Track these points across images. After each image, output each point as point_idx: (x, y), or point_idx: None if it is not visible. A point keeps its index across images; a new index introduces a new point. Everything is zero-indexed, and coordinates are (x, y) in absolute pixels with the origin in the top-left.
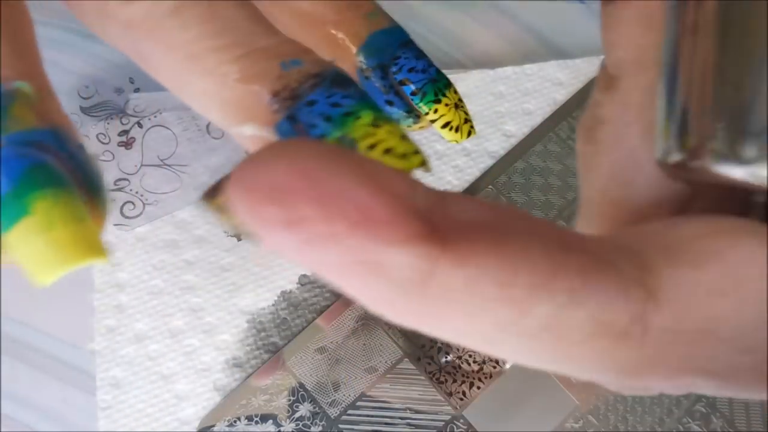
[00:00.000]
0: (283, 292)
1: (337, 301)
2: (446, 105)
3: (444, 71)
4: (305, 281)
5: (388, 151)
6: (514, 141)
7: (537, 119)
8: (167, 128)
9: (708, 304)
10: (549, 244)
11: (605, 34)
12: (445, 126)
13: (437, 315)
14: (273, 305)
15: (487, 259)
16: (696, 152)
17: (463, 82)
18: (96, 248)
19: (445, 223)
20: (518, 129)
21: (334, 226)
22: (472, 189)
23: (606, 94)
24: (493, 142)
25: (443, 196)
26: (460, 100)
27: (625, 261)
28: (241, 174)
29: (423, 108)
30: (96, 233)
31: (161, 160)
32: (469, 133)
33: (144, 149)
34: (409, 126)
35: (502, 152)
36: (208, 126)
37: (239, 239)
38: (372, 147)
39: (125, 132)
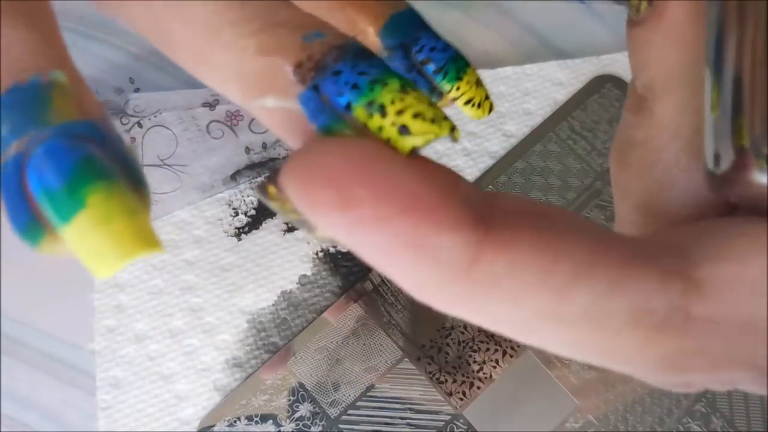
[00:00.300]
0: (283, 292)
1: (337, 301)
2: (467, 82)
3: None
4: (305, 281)
5: (417, 115)
6: (514, 141)
7: (537, 119)
8: (167, 128)
9: (751, 299)
10: (589, 236)
11: (633, 56)
12: (467, 103)
13: (480, 301)
14: (273, 305)
15: (529, 246)
16: (747, 159)
17: None
18: (152, 239)
19: (490, 212)
20: (518, 129)
21: (384, 209)
22: None
23: (637, 116)
24: (493, 142)
25: (488, 192)
26: (479, 78)
27: (667, 254)
28: (295, 163)
29: (445, 86)
30: (149, 224)
31: (161, 160)
32: (491, 109)
33: (144, 149)
34: None
35: (502, 152)
36: (208, 126)
37: (239, 239)
38: (401, 112)
39: (125, 132)
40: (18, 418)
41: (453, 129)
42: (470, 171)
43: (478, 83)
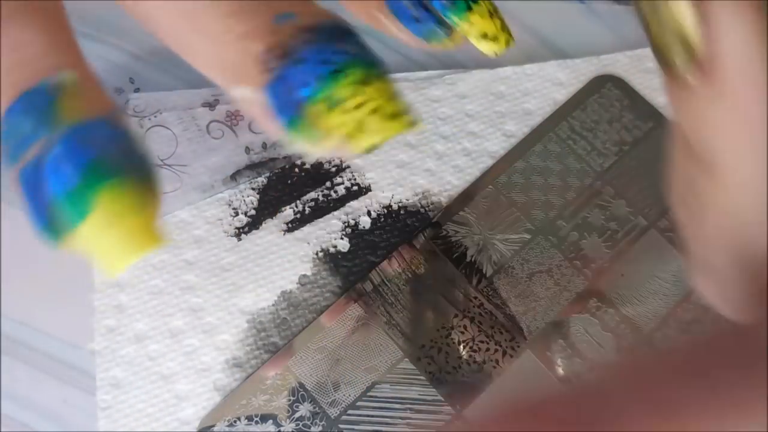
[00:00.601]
0: (283, 292)
1: (337, 300)
2: (479, 14)
3: (444, 71)
4: (305, 281)
5: (375, 111)
6: (514, 141)
7: (537, 119)
8: (167, 128)
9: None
10: None
11: (683, 118)
12: (481, 37)
13: None
14: (273, 305)
15: None
16: None
17: (463, 82)
18: (159, 233)
19: None
20: (518, 129)
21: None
22: (472, 189)
23: (701, 171)
24: (493, 142)
25: None
26: (494, 7)
27: None
28: None
29: (455, 20)
30: (157, 218)
31: (161, 160)
32: (508, 43)
33: None
34: (441, 42)
35: (502, 152)
36: (208, 126)
37: (239, 239)
38: (359, 106)
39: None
40: (18, 418)
41: (413, 123)
42: (470, 171)
43: (492, 14)
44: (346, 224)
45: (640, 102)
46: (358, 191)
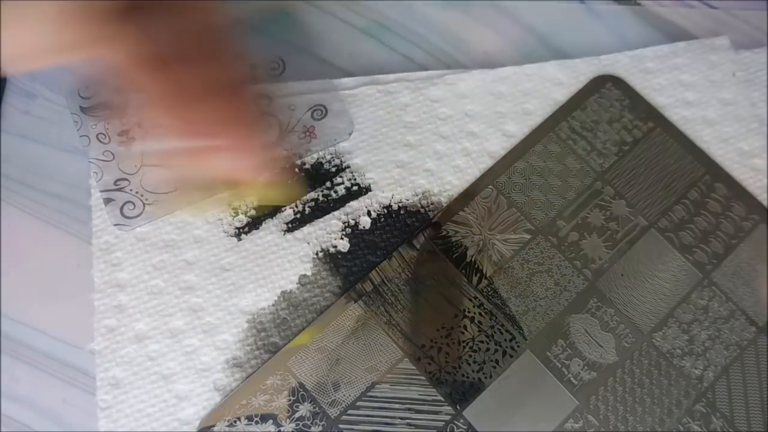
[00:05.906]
0: (283, 292)
1: (337, 301)
2: None
3: (444, 71)
4: (305, 281)
5: None
6: (514, 141)
7: (537, 119)
8: None
9: None
10: None
11: None
12: None
13: None
14: (273, 305)
15: None
16: None
17: (463, 82)
18: None
19: None
20: (518, 129)
21: None
22: (472, 189)
23: None
24: (493, 142)
25: None
26: None
27: None
28: None
29: None
30: None
31: (161, 160)
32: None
33: (144, 149)
34: None
35: (502, 152)
36: None
37: (239, 239)
38: None
39: (125, 132)
40: (18, 418)
41: None
42: (470, 171)
43: None
44: (346, 224)
45: (640, 102)
46: (358, 191)
